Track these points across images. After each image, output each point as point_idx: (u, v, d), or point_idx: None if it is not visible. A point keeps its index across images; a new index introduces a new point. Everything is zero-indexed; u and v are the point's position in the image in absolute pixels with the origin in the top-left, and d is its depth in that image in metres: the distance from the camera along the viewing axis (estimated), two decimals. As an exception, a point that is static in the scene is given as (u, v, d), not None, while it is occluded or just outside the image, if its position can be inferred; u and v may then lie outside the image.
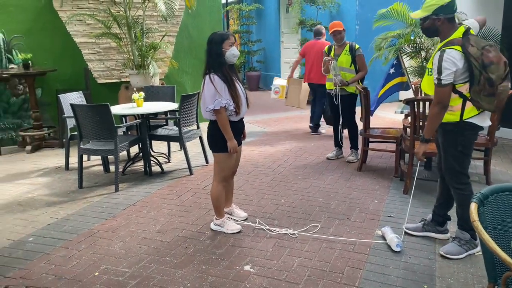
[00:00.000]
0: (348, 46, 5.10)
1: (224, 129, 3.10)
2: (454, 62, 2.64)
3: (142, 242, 3.27)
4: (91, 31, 6.47)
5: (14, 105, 6.51)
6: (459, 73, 2.68)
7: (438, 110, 2.76)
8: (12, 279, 2.80)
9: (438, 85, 2.71)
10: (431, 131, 2.87)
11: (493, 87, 2.61)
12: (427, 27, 2.81)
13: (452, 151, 2.89)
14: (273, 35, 12.39)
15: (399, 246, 3.02)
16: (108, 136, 4.39)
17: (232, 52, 3.09)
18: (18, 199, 4.30)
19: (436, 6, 2.70)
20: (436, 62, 2.68)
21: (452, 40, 2.69)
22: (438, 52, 2.70)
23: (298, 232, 3.35)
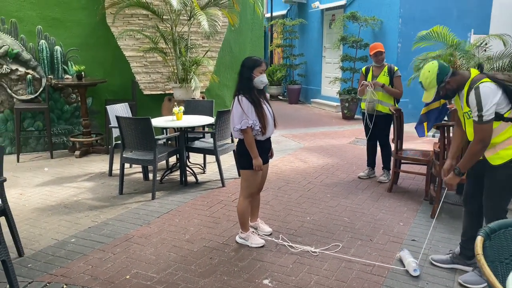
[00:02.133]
0: (387, 68, 5.15)
1: (250, 148, 3.29)
2: (492, 94, 2.65)
3: (172, 249, 3.50)
4: (139, 46, 6.90)
5: (67, 112, 7.04)
6: (501, 101, 2.68)
7: (480, 148, 2.72)
8: (54, 276, 3.11)
9: (479, 122, 2.68)
10: (468, 167, 2.84)
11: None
12: (445, 94, 2.87)
13: (501, 188, 2.85)
14: (315, 50, 12.52)
15: (416, 271, 3.06)
16: (148, 147, 4.70)
17: (261, 79, 3.29)
18: (65, 201, 4.69)
19: (433, 78, 2.78)
20: (474, 100, 2.67)
21: (475, 79, 2.73)
22: (472, 91, 2.69)
23: (319, 250, 3.46)
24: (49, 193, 4.95)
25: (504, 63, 5.58)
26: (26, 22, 6.54)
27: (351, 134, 8.28)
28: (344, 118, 10.11)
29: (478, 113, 2.67)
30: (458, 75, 2.81)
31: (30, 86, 6.68)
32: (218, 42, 7.50)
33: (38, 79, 6.72)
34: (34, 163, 6.29)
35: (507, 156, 2.76)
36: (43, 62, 6.69)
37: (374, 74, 5.24)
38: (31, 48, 6.63)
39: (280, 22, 13.26)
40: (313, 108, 12.13)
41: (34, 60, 6.65)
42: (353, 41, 9.83)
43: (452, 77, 2.80)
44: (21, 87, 6.68)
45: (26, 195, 4.88)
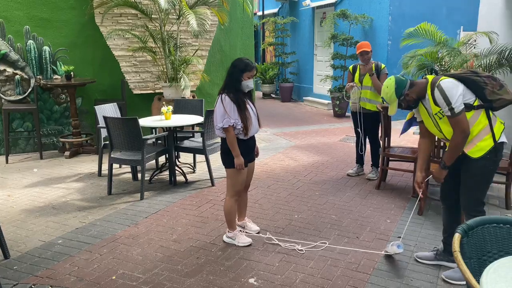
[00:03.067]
0: (374, 66, 5.16)
1: (232, 146, 3.30)
2: (454, 87, 2.76)
3: (158, 250, 3.50)
4: (128, 45, 6.88)
5: (57, 112, 7.01)
6: (466, 93, 2.78)
7: (462, 138, 2.80)
8: (39, 277, 3.10)
9: (453, 115, 2.75)
10: (453, 159, 2.89)
11: (496, 80, 2.80)
12: (408, 106, 2.96)
13: (478, 180, 2.92)
14: (306, 48, 12.53)
15: (400, 247, 3.23)
16: (136, 147, 4.69)
17: (248, 83, 3.33)
18: (53, 202, 4.67)
19: (392, 93, 2.89)
20: (440, 97, 2.76)
21: (433, 81, 2.84)
22: (436, 90, 2.78)
23: (306, 248, 3.48)
24: (37, 194, 4.93)
25: (491, 60, 5.62)
26: (14, 22, 6.50)
27: (342, 132, 8.31)
28: (335, 116, 10.14)
29: (449, 107, 2.74)
30: (415, 85, 2.90)
31: (18, 86, 6.64)
32: (208, 41, 7.49)
33: (26, 79, 6.69)
34: (23, 164, 6.26)
35: (485, 147, 2.84)
36: (32, 62, 6.65)
37: (361, 72, 5.26)
38: (19, 48, 6.59)
39: (271, 20, 13.26)
40: (305, 106, 12.15)
41: (22, 60, 6.61)
42: (343, 39, 9.85)
43: (410, 89, 2.89)
44: (9, 88, 6.64)
45: (14, 197, 4.85)
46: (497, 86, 2.80)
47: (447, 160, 2.91)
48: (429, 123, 2.99)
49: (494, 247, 2.08)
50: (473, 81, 2.81)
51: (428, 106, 2.90)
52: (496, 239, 2.10)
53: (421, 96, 2.90)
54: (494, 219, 2.12)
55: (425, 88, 2.87)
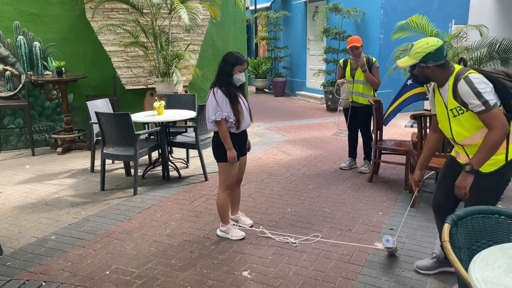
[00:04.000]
0: (365, 59, 5.17)
1: (224, 139, 3.31)
2: (485, 81, 2.40)
3: (152, 244, 3.51)
4: (120, 40, 6.83)
5: (48, 108, 6.96)
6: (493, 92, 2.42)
7: (502, 136, 2.37)
8: (32, 273, 3.10)
9: (488, 108, 2.34)
10: (484, 162, 2.46)
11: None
12: (417, 75, 2.58)
13: (487, 199, 2.53)
14: (299, 42, 12.52)
15: (389, 241, 3.18)
16: (128, 142, 4.68)
17: (239, 77, 3.33)
18: (46, 198, 4.66)
19: (423, 54, 2.47)
20: (468, 90, 2.38)
21: (459, 71, 2.47)
22: (462, 82, 2.41)
23: (298, 241, 3.50)
24: (30, 191, 4.91)
25: (482, 53, 5.66)
26: (3, 17, 6.43)
27: (335, 126, 8.34)
28: (328, 110, 10.16)
29: (481, 101, 2.35)
30: (442, 70, 2.50)
31: (9, 82, 6.59)
32: (200, 36, 7.46)
33: (17, 75, 6.63)
34: (15, 161, 6.23)
35: (499, 161, 2.50)
36: (22, 58, 6.60)
37: (352, 66, 5.28)
38: (9, 44, 6.53)
39: (264, 14, 13.23)
40: (298, 100, 12.16)
41: (12, 56, 6.55)
42: (336, 33, 9.85)
43: (437, 66, 2.49)
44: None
45: (6, 193, 4.83)
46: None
47: (477, 163, 2.44)
48: (443, 116, 2.63)
49: (483, 236, 2.11)
50: (503, 85, 2.43)
51: (445, 98, 2.57)
52: (485, 229, 2.13)
53: (440, 81, 2.55)
54: (482, 210, 2.15)
55: (448, 76, 2.50)
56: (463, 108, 2.46)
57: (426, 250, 3.34)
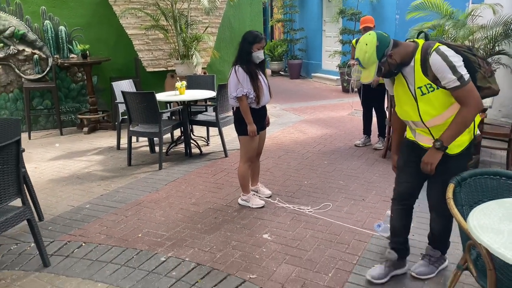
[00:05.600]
0: None
1: (245, 114, 3.55)
2: (456, 54, 2.24)
3: (179, 212, 3.80)
4: (141, 24, 7.07)
5: (74, 90, 7.28)
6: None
7: (474, 113, 2.25)
8: (72, 236, 3.42)
9: (463, 83, 2.19)
10: (454, 139, 2.32)
11: (489, 65, 2.37)
12: (387, 71, 2.36)
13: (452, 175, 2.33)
14: (315, 24, 12.58)
15: (379, 226, 3.08)
16: (153, 120, 4.95)
17: (258, 54, 3.53)
18: (77, 173, 4.98)
19: (373, 52, 2.29)
20: (442, 63, 2.19)
21: (425, 45, 2.29)
22: (434, 55, 2.22)
23: (314, 209, 3.74)
24: (61, 166, 5.25)
25: (497, 31, 5.73)
26: (30, 3, 6.72)
27: (350, 106, 8.48)
28: (344, 91, 10.28)
29: (456, 76, 2.18)
30: (401, 46, 2.32)
31: (37, 65, 6.91)
32: (217, 18, 7.64)
33: (44, 58, 6.94)
34: (45, 140, 6.58)
35: (465, 142, 2.40)
36: (49, 42, 6.89)
37: None
38: (36, 28, 6.82)
39: (279, -4, 13.29)
40: (313, 82, 12.29)
41: (40, 40, 6.85)
42: (351, 14, 9.91)
43: (394, 48, 2.29)
44: (28, 67, 6.90)
45: (41, 168, 5.17)
46: (489, 72, 2.34)
47: (447, 139, 2.29)
48: (406, 98, 2.42)
49: (485, 196, 2.30)
50: (468, 59, 2.28)
51: (410, 77, 2.35)
52: (487, 189, 2.33)
53: (405, 61, 2.31)
54: (485, 171, 2.34)
55: (413, 52, 2.29)
56: (434, 85, 2.26)
57: (435, 217, 3.54)
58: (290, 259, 2.96)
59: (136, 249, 3.15)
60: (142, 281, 2.76)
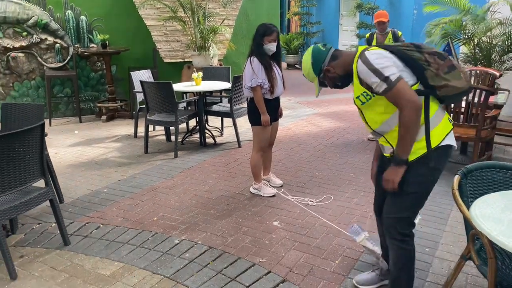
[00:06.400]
0: (391, 34, 5.32)
1: (259, 104, 3.64)
2: (383, 56, 2.07)
3: (193, 198, 3.93)
4: (159, 15, 7.19)
5: (93, 79, 7.46)
6: (403, 72, 2.05)
7: (413, 113, 2.00)
8: (91, 217, 3.58)
9: (390, 86, 1.99)
10: (410, 148, 2.08)
11: (445, 59, 2.08)
12: (334, 84, 2.29)
13: (412, 196, 2.17)
14: (332, 18, 12.56)
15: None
16: (170, 109, 5.08)
17: (269, 47, 3.62)
18: (96, 159, 5.15)
19: (309, 69, 2.27)
20: (366, 68, 2.04)
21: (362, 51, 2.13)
22: (358, 61, 2.08)
23: (316, 201, 3.82)
24: (80, 152, 5.43)
25: (516, 28, 5.68)
26: (53, -7, 6.90)
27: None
28: (359, 85, 10.26)
29: (381, 78, 2.01)
30: (341, 57, 2.21)
31: (58, 54, 7.10)
32: (235, 10, 7.72)
33: (65, 47, 7.13)
34: (64, 127, 6.79)
35: (420, 149, 2.11)
36: (70, 31, 7.07)
37: (378, 41, 5.42)
38: (58, 18, 7.01)
39: (297, -11, 13.28)
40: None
41: (61, 29, 7.04)
42: (369, 8, 9.88)
43: (333, 62, 2.21)
44: (50, 56, 7.10)
45: (61, 154, 5.36)
46: (444, 67, 2.05)
47: (401, 151, 2.07)
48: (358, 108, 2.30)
49: (491, 188, 2.35)
50: (411, 57, 2.07)
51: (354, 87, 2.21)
52: (492, 182, 2.38)
53: (350, 72, 2.18)
54: (492, 164, 2.40)
55: (352, 61, 2.16)
56: (369, 93, 2.11)
57: (443, 211, 3.60)
58: (298, 246, 3.06)
59: (151, 231, 3.29)
60: (156, 261, 2.89)
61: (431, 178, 2.19)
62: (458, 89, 2.07)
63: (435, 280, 2.67)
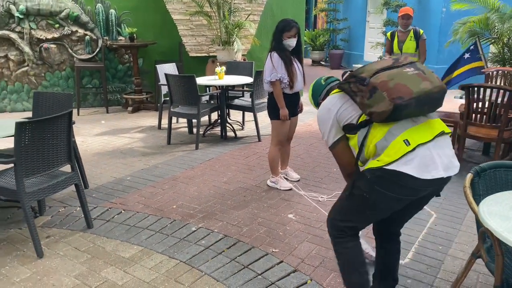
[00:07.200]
0: (412, 32, 5.26)
1: (278, 99, 3.71)
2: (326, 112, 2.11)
3: (212, 188, 4.04)
4: (186, 9, 7.32)
5: (121, 71, 7.68)
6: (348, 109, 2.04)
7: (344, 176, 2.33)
8: (113, 203, 3.73)
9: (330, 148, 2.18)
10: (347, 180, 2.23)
11: (365, 83, 1.93)
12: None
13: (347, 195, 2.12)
14: (359, 14, 12.44)
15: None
16: (193, 102, 5.20)
17: (288, 43, 3.67)
18: (121, 148, 5.34)
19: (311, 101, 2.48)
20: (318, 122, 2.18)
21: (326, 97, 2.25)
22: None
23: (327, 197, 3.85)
24: (106, 142, 5.62)
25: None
26: (85, -13, 7.13)
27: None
28: (384, 83, 10.16)
29: (324, 138, 2.14)
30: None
31: (88, 46, 7.34)
32: (260, 6, 7.78)
33: (95, 40, 7.36)
34: (92, 117, 7.02)
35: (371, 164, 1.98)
36: (100, 24, 7.29)
37: (400, 39, 5.35)
38: (89, 11, 7.24)
39: (324, -14, 13.21)
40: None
41: (91, 22, 7.27)
42: (396, 6, 9.75)
43: (326, 96, 2.28)
44: (80, 47, 7.35)
45: (87, 142, 5.57)
46: (366, 93, 1.92)
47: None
48: None
49: (504, 188, 2.36)
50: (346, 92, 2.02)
51: None
52: (506, 182, 2.38)
53: None
54: (506, 164, 2.40)
55: None
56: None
57: (460, 211, 3.59)
58: (312, 238, 3.12)
59: (170, 218, 3.42)
60: (173, 246, 3.01)
61: (368, 196, 2.00)
62: (382, 115, 1.87)
63: (446, 277, 2.68)
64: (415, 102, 1.87)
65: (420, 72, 1.96)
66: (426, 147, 1.90)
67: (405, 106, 1.86)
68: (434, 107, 2.01)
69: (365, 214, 2.12)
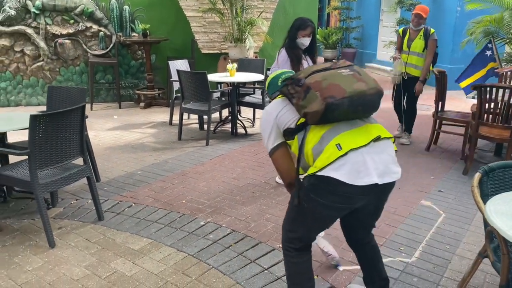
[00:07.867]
0: (423, 31, 5.19)
1: None
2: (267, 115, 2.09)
3: (221, 184, 4.07)
4: (199, 6, 7.37)
5: (133, 67, 7.76)
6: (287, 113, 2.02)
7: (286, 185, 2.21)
8: (124, 197, 3.79)
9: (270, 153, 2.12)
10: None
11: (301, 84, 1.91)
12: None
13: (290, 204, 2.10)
14: (372, 13, 12.36)
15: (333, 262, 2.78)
16: (204, 98, 5.24)
17: (302, 41, 3.68)
18: (132, 143, 5.41)
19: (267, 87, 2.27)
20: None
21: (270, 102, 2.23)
22: None
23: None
24: (118, 136, 5.70)
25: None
26: (104, -17, 7.21)
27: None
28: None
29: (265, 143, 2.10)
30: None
31: (102, 42, 7.43)
32: (273, 3, 7.79)
33: (109, 36, 7.45)
34: (105, 112, 7.12)
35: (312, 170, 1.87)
36: (114, 20, 7.37)
37: (410, 37, 5.27)
38: (103, 7, 7.32)
39: (338, -16, 13.15)
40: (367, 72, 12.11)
41: (105, 18, 7.35)
42: (410, 4, 9.66)
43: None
44: (94, 43, 7.45)
45: (100, 137, 5.65)
46: (301, 94, 1.89)
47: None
48: None
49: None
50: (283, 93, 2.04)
51: None
52: (516, 182, 2.37)
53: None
54: (515, 164, 2.38)
55: None
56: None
57: (469, 211, 3.57)
58: (319, 235, 3.14)
59: (179, 212, 3.47)
60: (182, 240, 3.06)
61: (306, 205, 1.96)
62: (316, 114, 1.83)
63: (452, 277, 2.68)
64: (348, 102, 1.83)
65: (355, 73, 1.94)
66: (359, 152, 1.83)
67: (337, 106, 1.81)
68: (369, 109, 1.96)
69: (307, 225, 2.05)
